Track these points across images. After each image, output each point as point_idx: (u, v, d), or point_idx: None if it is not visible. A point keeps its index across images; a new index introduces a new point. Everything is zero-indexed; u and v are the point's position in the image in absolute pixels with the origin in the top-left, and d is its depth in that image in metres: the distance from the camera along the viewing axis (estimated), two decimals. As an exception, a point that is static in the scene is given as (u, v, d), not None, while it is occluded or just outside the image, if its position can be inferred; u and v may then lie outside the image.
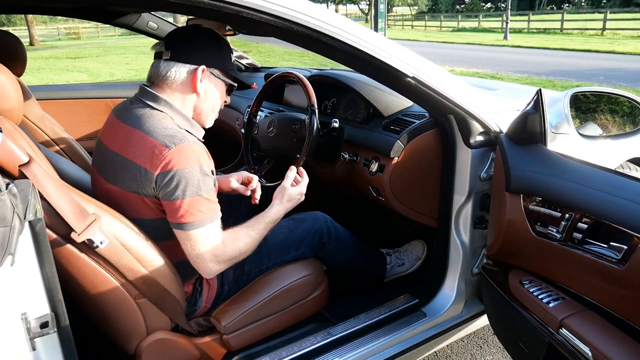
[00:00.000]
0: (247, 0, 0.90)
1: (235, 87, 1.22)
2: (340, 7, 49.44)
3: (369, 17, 28.47)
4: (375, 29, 11.05)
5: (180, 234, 1.07)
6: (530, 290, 1.19)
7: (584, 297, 1.11)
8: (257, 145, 1.84)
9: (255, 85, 1.31)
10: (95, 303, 1.06)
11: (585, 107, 1.79)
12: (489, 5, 48.75)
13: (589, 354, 1.00)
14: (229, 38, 1.39)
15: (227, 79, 1.18)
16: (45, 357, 0.75)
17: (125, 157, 1.06)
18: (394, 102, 1.60)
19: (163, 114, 1.09)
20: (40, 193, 0.87)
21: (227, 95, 1.23)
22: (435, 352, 1.78)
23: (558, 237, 1.11)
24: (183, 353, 1.20)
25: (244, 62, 2.79)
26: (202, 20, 1.25)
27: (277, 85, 1.97)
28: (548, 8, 41.73)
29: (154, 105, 1.10)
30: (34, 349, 0.69)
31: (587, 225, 1.06)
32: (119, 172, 1.08)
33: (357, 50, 1.07)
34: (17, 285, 0.66)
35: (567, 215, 1.09)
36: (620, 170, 1.71)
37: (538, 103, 1.20)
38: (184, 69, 1.10)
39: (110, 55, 15.71)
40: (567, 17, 21.64)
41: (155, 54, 1.14)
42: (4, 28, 2.71)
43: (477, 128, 1.33)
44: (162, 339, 1.16)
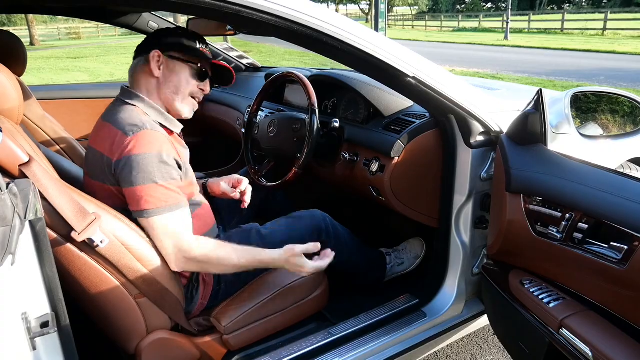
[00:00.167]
0: (247, 0, 0.90)
1: (208, 73, 1.23)
2: (341, 7, 49.46)
3: (370, 17, 28.45)
4: (376, 29, 11.05)
5: (142, 223, 1.08)
6: (531, 290, 1.18)
7: (585, 297, 1.10)
8: (257, 145, 1.84)
9: (234, 80, 1.31)
10: (96, 302, 1.06)
11: (586, 107, 1.79)
12: (490, 5, 48.80)
13: (589, 354, 1.00)
14: (230, 38, 1.39)
15: (190, 62, 1.19)
16: (46, 356, 0.75)
17: (96, 149, 1.11)
18: (395, 102, 1.59)
19: (134, 107, 1.14)
20: (41, 192, 0.88)
21: (199, 81, 1.22)
22: (436, 352, 1.78)
23: (558, 237, 1.10)
24: (183, 353, 1.20)
25: (245, 61, 2.80)
26: (202, 20, 1.25)
27: (277, 85, 1.97)
28: (549, 8, 41.75)
29: (127, 100, 1.16)
30: (35, 349, 0.69)
31: (587, 226, 1.06)
32: (94, 165, 1.12)
33: (357, 50, 1.07)
34: (17, 285, 0.66)
35: (567, 216, 1.09)
36: (621, 170, 1.71)
37: (539, 103, 1.20)
38: (142, 58, 1.18)
39: (111, 55, 15.70)
40: (567, 17, 21.61)
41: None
42: (5, 28, 2.71)
43: (477, 128, 1.33)
44: (162, 339, 1.16)
